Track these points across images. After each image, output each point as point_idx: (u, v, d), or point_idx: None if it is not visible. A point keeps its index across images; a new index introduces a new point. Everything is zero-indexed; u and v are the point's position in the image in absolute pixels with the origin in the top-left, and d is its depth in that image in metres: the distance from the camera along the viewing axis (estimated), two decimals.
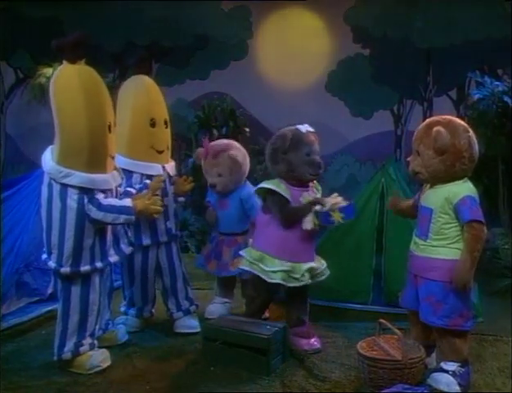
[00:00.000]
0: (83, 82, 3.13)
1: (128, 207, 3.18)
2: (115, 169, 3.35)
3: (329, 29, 6.82)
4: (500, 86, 5.57)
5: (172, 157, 4.00)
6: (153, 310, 4.03)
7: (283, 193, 3.41)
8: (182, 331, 3.86)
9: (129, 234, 3.58)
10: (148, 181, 3.63)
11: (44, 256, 3.29)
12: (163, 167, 3.80)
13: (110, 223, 3.21)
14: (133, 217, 3.21)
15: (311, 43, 6.93)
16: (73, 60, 3.13)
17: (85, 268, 3.20)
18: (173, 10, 6.83)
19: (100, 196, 3.15)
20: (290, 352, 3.42)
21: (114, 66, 6.90)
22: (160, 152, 3.78)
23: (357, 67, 6.88)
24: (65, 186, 3.12)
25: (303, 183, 3.48)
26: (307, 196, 3.45)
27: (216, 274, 4.19)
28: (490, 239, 4.94)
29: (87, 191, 3.13)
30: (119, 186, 3.40)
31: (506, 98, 5.46)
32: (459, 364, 2.99)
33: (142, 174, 3.74)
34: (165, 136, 3.85)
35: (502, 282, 4.70)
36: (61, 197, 3.13)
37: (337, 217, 3.31)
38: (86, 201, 3.12)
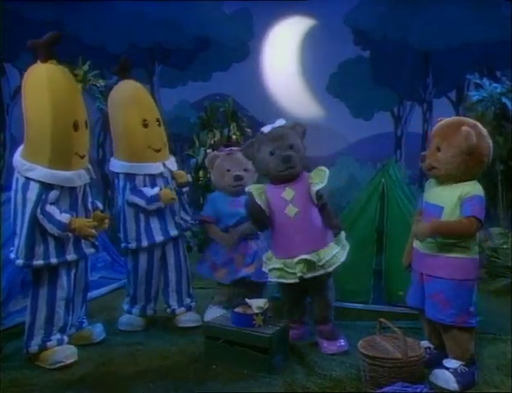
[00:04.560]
0: (50, 79, 3.21)
1: (62, 223, 3.21)
2: (86, 168, 3.40)
3: (329, 32, 6.84)
4: (498, 88, 5.61)
5: (174, 157, 4.07)
6: (156, 308, 4.06)
7: (256, 199, 3.42)
8: (185, 325, 3.92)
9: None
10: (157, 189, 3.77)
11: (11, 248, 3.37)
12: (164, 164, 3.88)
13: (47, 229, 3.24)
14: (65, 233, 3.24)
15: (312, 45, 6.96)
16: (44, 60, 3.22)
17: (38, 262, 3.24)
18: (175, 12, 6.86)
19: (50, 198, 3.20)
20: (292, 350, 3.45)
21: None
22: (158, 151, 3.85)
23: (358, 69, 6.91)
24: (28, 179, 3.21)
25: (280, 181, 3.45)
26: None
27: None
28: (488, 239, 4.99)
29: (47, 188, 3.20)
30: (87, 185, 3.44)
31: (505, 100, 5.51)
32: (462, 363, 3.03)
33: (145, 175, 3.81)
34: (160, 134, 3.93)
35: (501, 282, 4.73)
36: (23, 190, 3.22)
37: (259, 321, 3.34)
38: (44, 196, 3.19)
